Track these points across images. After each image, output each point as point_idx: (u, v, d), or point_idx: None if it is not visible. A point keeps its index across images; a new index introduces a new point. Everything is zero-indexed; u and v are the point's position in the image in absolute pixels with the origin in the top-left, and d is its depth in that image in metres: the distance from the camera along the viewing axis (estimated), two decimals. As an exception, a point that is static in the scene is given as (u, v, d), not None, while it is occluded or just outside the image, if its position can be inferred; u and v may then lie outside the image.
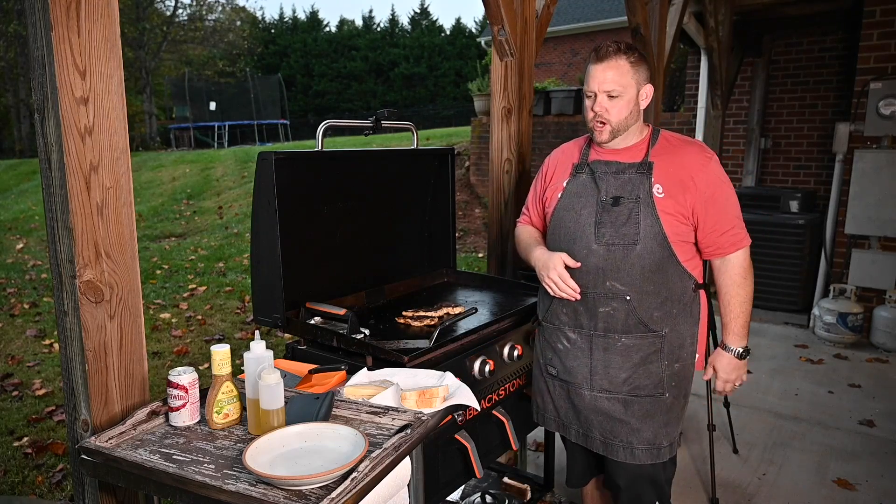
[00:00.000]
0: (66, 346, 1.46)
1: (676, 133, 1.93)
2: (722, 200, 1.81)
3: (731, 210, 1.83)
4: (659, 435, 1.87)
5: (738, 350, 1.91)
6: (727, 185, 1.83)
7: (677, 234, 1.79)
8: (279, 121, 23.84)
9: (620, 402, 1.87)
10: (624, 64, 1.77)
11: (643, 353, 1.84)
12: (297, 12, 55.16)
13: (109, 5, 1.38)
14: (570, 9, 13.79)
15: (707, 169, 1.81)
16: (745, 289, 1.86)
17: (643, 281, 1.80)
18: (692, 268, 1.86)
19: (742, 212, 1.89)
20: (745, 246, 1.85)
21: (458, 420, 1.83)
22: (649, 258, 1.78)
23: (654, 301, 1.82)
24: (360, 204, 2.22)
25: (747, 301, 1.87)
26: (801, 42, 6.19)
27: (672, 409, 1.88)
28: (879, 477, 2.98)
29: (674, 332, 1.85)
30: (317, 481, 1.15)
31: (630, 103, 1.80)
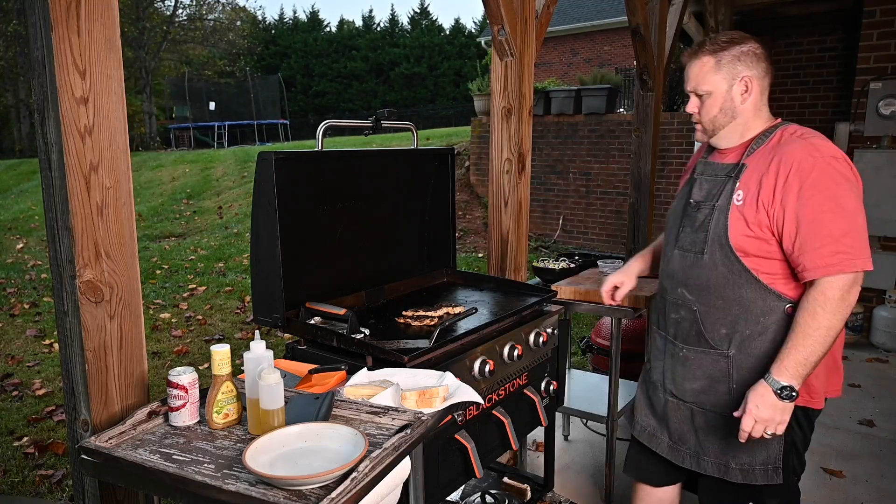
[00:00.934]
0: (66, 346, 1.46)
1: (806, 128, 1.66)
2: (812, 211, 1.52)
3: (827, 226, 1.51)
4: (725, 452, 1.72)
5: (780, 384, 1.55)
6: (827, 192, 1.52)
7: (751, 246, 1.61)
8: (279, 121, 23.84)
9: (687, 409, 1.80)
10: (708, 60, 1.67)
11: (706, 370, 1.73)
12: (298, 12, 55.28)
13: (109, 5, 1.38)
14: (570, 9, 13.80)
15: (802, 170, 1.53)
16: (817, 319, 1.52)
17: (710, 293, 1.68)
18: (787, 287, 1.62)
19: None
20: (836, 273, 1.50)
21: (458, 420, 1.83)
22: (716, 270, 1.66)
23: (723, 317, 1.68)
24: (360, 204, 2.22)
25: (815, 335, 1.52)
26: (801, 42, 6.19)
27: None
28: (879, 477, 2.98)
29: (743, 355, 1.66)
30: (317, 481, 1.15)
31: (719, 101, 1.68)
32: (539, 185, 8.67)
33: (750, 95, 1.68)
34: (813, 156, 1.55)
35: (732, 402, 1.69)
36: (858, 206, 1.55)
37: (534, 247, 8.04)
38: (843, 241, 1.51)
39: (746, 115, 1.70)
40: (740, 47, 1.66)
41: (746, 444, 1.65)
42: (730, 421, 1.67)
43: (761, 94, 1.70)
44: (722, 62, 1.67)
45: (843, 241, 1.51)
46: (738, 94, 1.68)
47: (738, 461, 1.70)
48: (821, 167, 1.53)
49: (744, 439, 1.60)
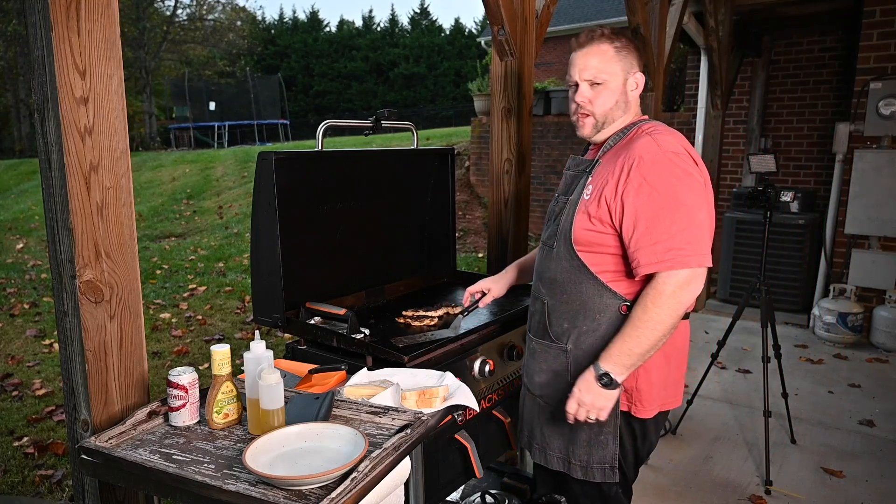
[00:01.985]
0: (66, 346, 1.46)
1: (663, 125, 1.65)
2: (649, 210, 1.50)
3: (664, 222, 1.48)
4: (567, 450, 1.72)
5: (600, 370, 1.54)
6: (666, 189, 1.49)
7: (592, 241, 1.60)
8: (279, 121, 23.82)
9: (536, 404, 1.78)
10: (608, 49, 1.61)
11: (550, 363, 1.72)
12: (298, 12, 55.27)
13: (109, 5, 1.38)
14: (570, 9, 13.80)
15: (643, 166, 1.51)
16: (647, 312, 1.50)
17: (557, 287, 1.68)
18: (624, 287, 1.60)
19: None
20: (668, 269, 1.48)
21: (458, 420, 1.83)
22: (560, 263, 1.66)
23: (566, 312, 1.67)
24: (360, 204, 2.22)
25: (643, 327, 1.50)
26: (801, 42, 6.19)
27: (578, 430, 1.68)
28: (879, 477, 2.98)
29: (579, 350, 1.65)
30: (317, 481, 1.15)
31: (616, 92, 1.63)
32: (539, 185, 8.67)
33: (639, 90, 1.68)
34: (654, 152, 1.52)
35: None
36: (698, 202, 1.51)
37: (534, 247, 8.02)
38: (678, 237, 1.48)
39: (632, 110, 1.68)
40: (628, 41, 1.65)
41: (585, 441, 1.67)
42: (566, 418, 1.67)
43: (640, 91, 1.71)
44: (620, 53, 1.63)
45: (678, 237, 1.48)
46: (632, 87, 1.66)
47: (577, 457, 1.70)
48: (661, 163, 1.51)
49: (570, 420, 1.61)
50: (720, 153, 6.07)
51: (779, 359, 3.32)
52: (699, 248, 1.48)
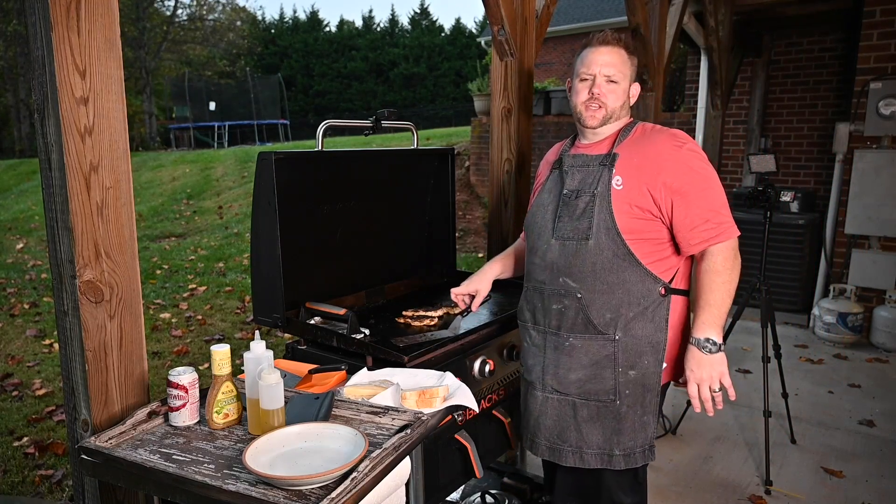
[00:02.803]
0: (66, 346, 1.46)
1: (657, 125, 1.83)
2: (694, 192, 1.67)
3: (707, 202, 1.67)
4: (610, 441, 1.74)
5: (700, 340, 1.68)
6: (702, 173, 1.68)
7: (635, 229, 1.68)
8: (279, 121, 23.82)
9: (569, 404, 1.77)
10: (624, 54, 1.78)
11: (593, 357, 1.74)
12: (298, 12, 55.19)
13: (109, 5, 1.38)
14: (570, 9, 13.80)
15: (676, 157, 1.68)
16: (722, 276, 1.67)
17: (595, 279, 1.71)
18: (660, 269, 1.72)
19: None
20: (724, 240, 1.68)
21: (458, 420, 1.83)
22: (602, 254, 1.69)
23: (608, 302, 1.71)
24: (360, 204, 2.22)
25: (722, 289, 1.68)
26: (801, 42, 6.19)
27: (625, 418, 1.73)
28: (879, 477, 2.98)
29: (628, 338, 1.71)
30: (317, 481, 1.15)
31: (624, 93, 1.79)
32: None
33: (634, 98, 1.86)
34: (676, 142, 1.71)
35: (619, 388, 1.74)
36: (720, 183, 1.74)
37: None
38: (724, 212, 1.69)
39: (628, 113, 1.85)
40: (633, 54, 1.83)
41: (631, 429, 1.74)
42: (618, 408, 1.74)
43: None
44: (631, 60, 1.80)
45: (724, 212, 1.69)
46: (633, 93, 1.84)
47: (622, 447, 1.74)
48: (686, 150, 1.69)
49: (698, 408, 1.71)
50: (720, 153, 6.06)
51: (779, 359, 3.32)
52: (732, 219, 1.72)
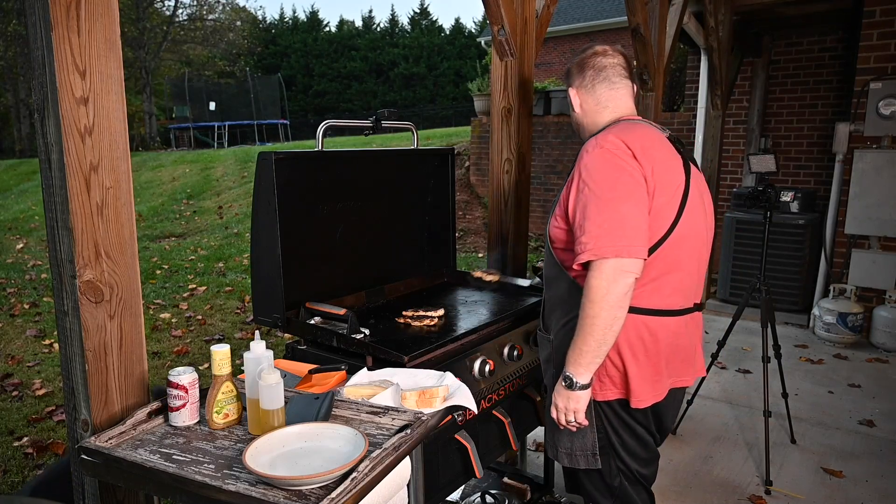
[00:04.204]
0: (66, 346, 1.46)
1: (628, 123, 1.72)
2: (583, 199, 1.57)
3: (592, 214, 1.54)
4: (555, 437, 1.82)
5: (564, 374, 1.63)
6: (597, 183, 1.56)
7: (561, 239, 1.69)
8: (279, 121, 23.82)
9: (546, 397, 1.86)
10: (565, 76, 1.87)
11: (545, 354, 1.83)
12: (297, 12, 55.19)
13: (109, 5, 1.38)
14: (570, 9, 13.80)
15: (582, 161, 1.61)
16: (584, 309, 1.53)
17: (547, 283, 1.79)
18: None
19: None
20: (590, 258, 1.52)
21: (458, 420, 1.83)
22: (547, 260, 1.78)
23: (554, 305, 1.77)
24: (360, 204, 2.22)
25: (583, 324, 1.54)
26: (801, 42, 6.19)
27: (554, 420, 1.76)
28: (879, 477, 2.98)
29: (558, 341, 1.74)
30: (317, 481, 1.15)
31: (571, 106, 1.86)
32: (539, 185, 8.67)
33: (579, 103, 1.83)
34: (591, 148, 1.61)
35: (549, 387, 1.79)
36: (625, 194, 1.54)
37: (534, 247, 8.04)
38: (598, 230, 1.52)
39: (584, 122, 1.84)
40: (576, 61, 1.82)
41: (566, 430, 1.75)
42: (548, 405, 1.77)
43: (592, 100, 1.81)
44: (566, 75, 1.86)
45: (598, 230, 1.52)
46: (575, 105, 1.84)
47: (562, 445, 1.79)
48: (594, 158, 1.59)
49: (560, 425, 1.72)
50: (720, 153, 6.07)
51: (779, 359, 3.32)
52: (618, 239, 1.50)
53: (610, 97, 1.79)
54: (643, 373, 1.67)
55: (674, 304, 1.67)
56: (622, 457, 1.77)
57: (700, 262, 1.73)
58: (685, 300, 1.71)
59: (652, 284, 1.63)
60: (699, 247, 1.72)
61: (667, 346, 1.68)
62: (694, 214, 1.67)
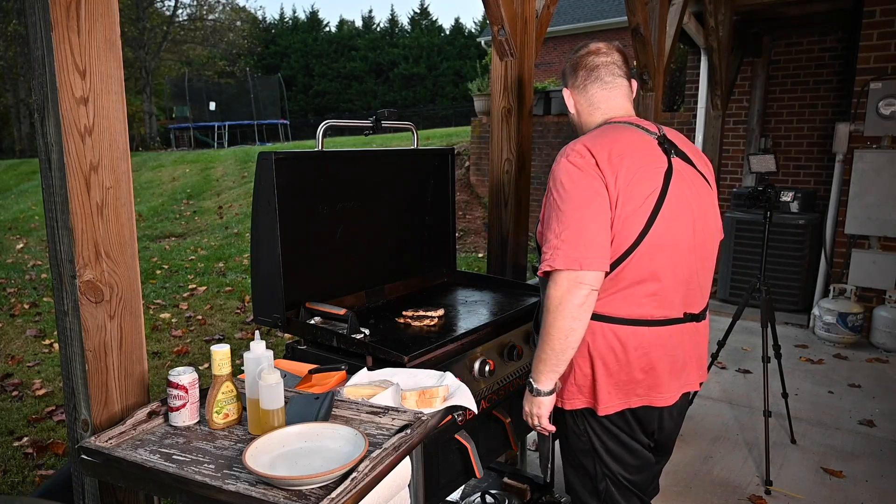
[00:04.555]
0: (66, 346, 1.46)
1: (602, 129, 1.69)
2: (547, 207, 1.58)
3: (552, 224, 1.53)
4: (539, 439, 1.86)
5: (528, 380, 1.67)
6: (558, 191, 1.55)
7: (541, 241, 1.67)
8: (279, 121, 23.83)
9: None
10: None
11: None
12: (297, 12, 55.18)
13: (109, 5, 1.38)
14: (570, 9, 13.80)
15: (552, 169, 1.61)
16: (544, 318, 1.54)
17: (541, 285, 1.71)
18: None
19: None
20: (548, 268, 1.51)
21: (458, 420, 1.82)
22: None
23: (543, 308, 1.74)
24: (360, 204, 2.22)
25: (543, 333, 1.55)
26: (801, 42, 6.19)
27: None
28: (879, 477, 2.98)
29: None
30: (317, 481, 1.15)
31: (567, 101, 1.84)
32: (539, 185, 8.66)
33: (574, 104, 1.81)
34: (559, 157, 1.60)
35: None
36: (585, 202, 1.51)
37: (533, 247, 8.02)
38: (556, 239, 1.50)
39: (579, 122, 1.82)
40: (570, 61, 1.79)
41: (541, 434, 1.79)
42: None
43: (585, 101, 1.78)
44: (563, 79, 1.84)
45: (556, 239, 1.50)
46: (570, 106, 1.83)
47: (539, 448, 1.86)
48: (559, 165, 1.58)
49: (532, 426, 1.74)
50: (720, 153, 6.07)
51: (779, 359, 3.32)
52: (572, 250, 1.48)
53: (602, 97, 1.74)
54: (612, 381, 1.65)
55: (649, 313, 1.61)
56: (605, 461, 1.74)
57: (688, 271, 1.63)
58: (666, 310, 1.63)
59: (622, 293, 1.59)
60: (682, 255, 1.61)
61: (640, 357, 1.62)
62: (674, 222, 1.58)
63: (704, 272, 1.71)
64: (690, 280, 1.65)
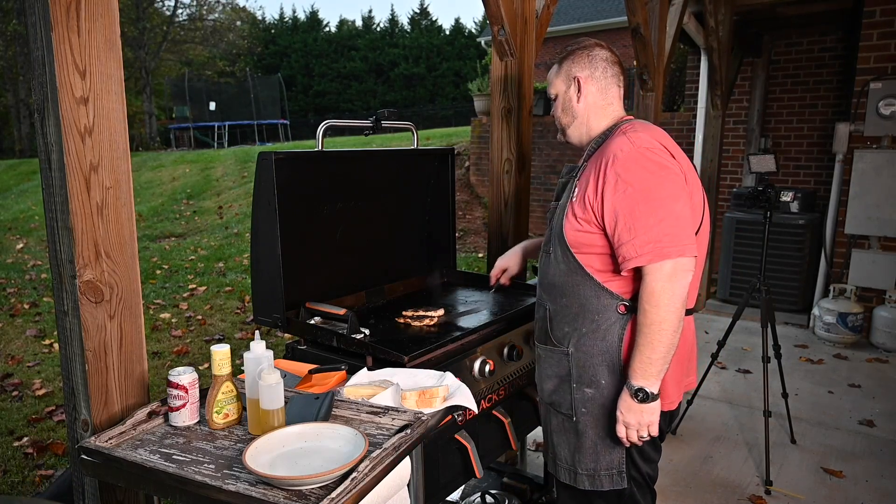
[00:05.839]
0: (66, 346, 1.46)
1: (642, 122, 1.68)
2: (627, 203, 1.51)
3: (641, 217, 1.50)
4: (574, 459, 1.71)
5: (633, 387, 1.55)
6: (641, 184, 1.51)
7: (584, 243, 1.61)
8: (279, 121, 23.83)
9: (548, 411, 1.79)
10: (554, 67, 1.78)
11: (555, 369, 1.73)
12: (297, 12, 55.18)
13: (109, 5, 1.38)
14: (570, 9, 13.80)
15: (617, 163, 1.54)
16: (647, 315, 1.50)
17: (556, 291, 1.70)
18: (618, 284, 1.61)
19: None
20: (649, 262, 1.48)
21: (458, 420, 1.82)
22: (559, 267, 1.68)
23: (566, 315, 1.68)
24: (360, 204, 2.22)
25: (648, 332, 1.50)
26: (801, 42, 6.19)
27: (584, 436, 1.68)
28: (879, 477, 2.98)
29: (580, 353, 1.65)
30: (317, 481, 1.15)
31: (561, 102, 1.77)
32: (539, 185, 8.66)
33: (584, 95, 1.73)
34: (627, 149, 1.55)
35: (575, 404, 1.68)
36: (675, 194, 1.53)
37: (534, 247, 8.02)
38: (655, 230, 1.49)
39: (585, 115, 1.75)
40: (579, 52, 1.74)
41: (591, 449, 1.67)
42: (575, 425, 1.69)
43: (600, 94, 1.73)
44: (562, 66, 1.76)
45: (655, 230, 1.49)
46: (574, 94, 1.74)
47: (584, 467, 1.69)
48: (634, 159, 1.54)
49: (626, 444, 1.63)
50: (720, 153, 6.07)
51: (779, 359, 3.32)
52: (677, 238, 1.49)
53: (615, 96, 1.76)
54: (674, 374, 1.65)
55: (692, 303, 1.68)
56: (638, 464, 1.72)
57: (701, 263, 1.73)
58: (692, 300, 1.69)
59: None
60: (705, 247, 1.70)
61: (689, 346, 1.70)
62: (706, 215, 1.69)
63: None
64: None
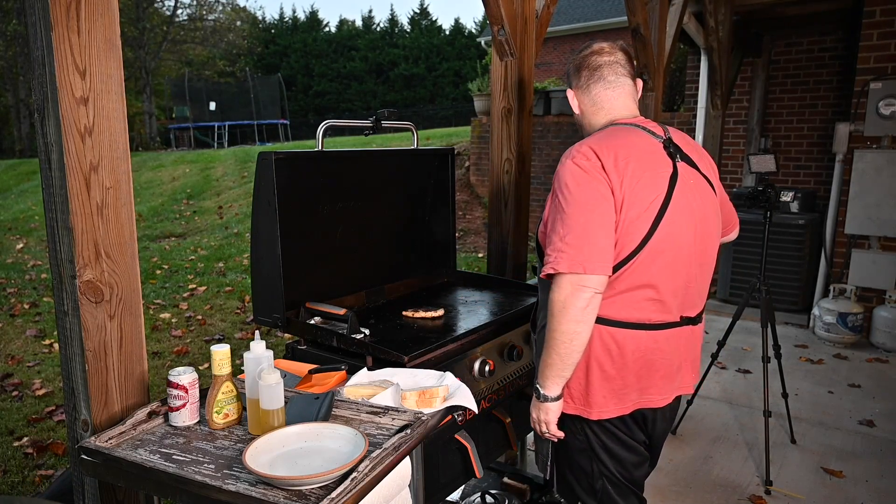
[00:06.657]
0: (66, 346, 1.46)
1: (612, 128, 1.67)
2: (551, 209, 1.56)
3: (556, 226, 1.52)
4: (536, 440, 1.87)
5: (535, 385, 1.65)
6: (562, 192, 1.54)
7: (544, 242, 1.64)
8: (279, 121, 23.83)
9: None
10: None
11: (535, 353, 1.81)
12: (297, 12, 55.19)
13: (109, 5, 1.38)
14: (570, 9, 13.80)
15: (556, 171, 1.60)
16: (549, 322, 1.52)
17: (541, 285, 1.72)
18: None
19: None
20: (551, 271, 1.49)
21: (458, 420, 1.82)
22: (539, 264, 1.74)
23: (542, 307, 1.71)
24: (360, 204, 2.22)
25: (548, 337, 1.53)
26: (801, 42, 6.19)
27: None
28: (879, 477, 2.98)
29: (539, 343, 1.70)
30: (317, 481, 1.15)
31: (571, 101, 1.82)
32: (539, 185, 8.66)
33: (577, 106, 1.80)
34: (565, 159, 1.59)
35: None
36: (591, 204, 1.50)
37: (533, 247, 8.02)
38: (561, 241, 1.49)
39: (585, 121, 1.80)
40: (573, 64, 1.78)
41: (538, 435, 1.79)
42: None
43: (590, 102, 1.76)
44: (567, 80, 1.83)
45: (561, 241, 1.49)
46: (573, 104, 1.82)
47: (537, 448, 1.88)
48: (564, 167, 1.56)
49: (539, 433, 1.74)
50: (720, 153, 6.07)
51: (779, 359, 3.32)
52: (576, 254, 1.47)
53: (606, 97, 1.72)
54: (607, 386, 1.64)
55: (647, 317, 1.60)
56: (602, 460, 1.73)
57: (687, 276, 1.62)
58: (665, 314, 1.62)
59: (622, 297, 1.58)
60: (683, 260, 1.60)
61: (636, 360, 1.62)
62: (677, 227, 1.57)
63: (703, 277, 1.71)
64: (689, 285, 1.65)
